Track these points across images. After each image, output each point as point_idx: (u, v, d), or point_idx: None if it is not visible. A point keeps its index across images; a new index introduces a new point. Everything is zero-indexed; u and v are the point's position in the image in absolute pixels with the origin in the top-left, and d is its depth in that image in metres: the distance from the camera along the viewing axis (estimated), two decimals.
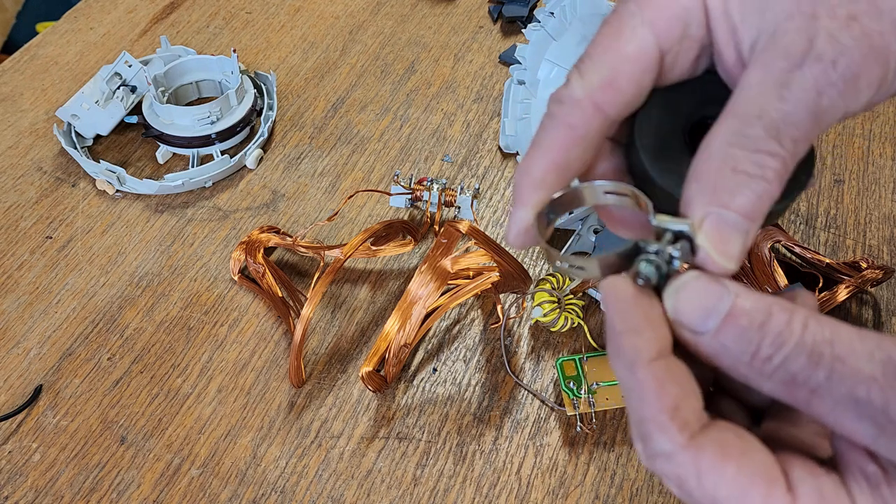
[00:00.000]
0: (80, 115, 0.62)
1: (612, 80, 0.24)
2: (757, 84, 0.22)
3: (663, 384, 0.21)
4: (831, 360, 0.19)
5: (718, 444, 0.21)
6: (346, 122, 0.66)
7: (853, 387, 0.19)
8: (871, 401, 0.19)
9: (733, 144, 0.21)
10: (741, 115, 0.22)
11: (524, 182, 0.25)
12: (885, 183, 0.61)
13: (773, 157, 0.21)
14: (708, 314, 0.21)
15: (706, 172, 0.22)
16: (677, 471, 0.21)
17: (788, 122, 0.21)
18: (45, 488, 0.45)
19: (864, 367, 0.19)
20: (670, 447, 0.21)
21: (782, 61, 0.22)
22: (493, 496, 0.45)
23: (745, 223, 0.21)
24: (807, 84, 0.21)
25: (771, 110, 0.21)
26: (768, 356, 0.20)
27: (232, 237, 0.57)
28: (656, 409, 0.21)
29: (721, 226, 0.21)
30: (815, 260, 0.52)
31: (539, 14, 0.57)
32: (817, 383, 0.20)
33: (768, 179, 0.21)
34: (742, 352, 0.20)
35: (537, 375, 0.50)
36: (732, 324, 0.20)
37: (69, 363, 0.50)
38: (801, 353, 0.20)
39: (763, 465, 0.21)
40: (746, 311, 0.20)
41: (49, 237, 0.57)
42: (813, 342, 0.20)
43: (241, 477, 0.46)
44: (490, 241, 0.46)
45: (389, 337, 0.46)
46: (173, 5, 0.77)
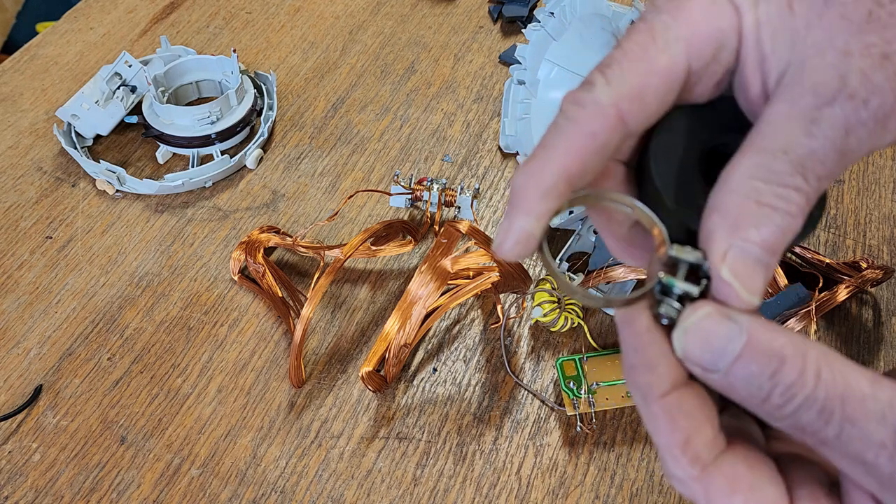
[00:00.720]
0: (80, 115, 0.62)
1: (641, 93, 0.23)
2: (784, 118, 0.22)
3: (674, 419, 0.21)
4: (842, 420, 0.19)
5: (728, 477, 0.21)
6: (346, 122, 0.66)
7: (862, 450, 0.19)
8: (879, 465, 0.19)
9: (757, 178, 0.21)
10: (766, 149, 0.21)
11: (531, 187, 0.23)
12: (885, 183, 0.61)
13: (797, 192, 0.21)
14: (718, 356, 0.20)
15: (728, 204, 0.21)
16: (690, 494, 0.22)
17: (815, 158, 0.21)
18: (45, 488, 0.45)
19: (875, 433, 0.19)
20: (682, 475, 0.21)
21: (811, 97, 0.21)
22: (493, 496, 0.45)
23: (767, 257, 0.21)
24: (836, 122, 0.21)
25: (798, 146, 0.21)
26: (778, 405, 0.20)
27: (232, 237, 0.57)
28: (668, 441, 0.21)
29: (745, 259, 0.21)
30: (815, 260, 0.52)
31: (539, 14, 0.57)
32: (826, 438, 0.20)
33: (792, 214, 0.21)
34: (752, 395, 0.20)
35: (537, 375, 0.50)
36: (743, 367, 0.20)
37: (69, 363, 0.50)
38: (812, 408, 0.20)
39: (770, 499, 0.21)
40: (757, 356, 0.20)
41: (49, 237, 0.57)
42: (825, 398, 0.19)
43: (241, 477, 0.46)
44: (490, 241, 0.46)
45: (389, 337, 0.46)
46: (173, 5, 0.77)
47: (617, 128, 0.23)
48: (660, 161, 0.24)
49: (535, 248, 0.23)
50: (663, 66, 0.23)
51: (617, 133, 0.23)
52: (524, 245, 0.23)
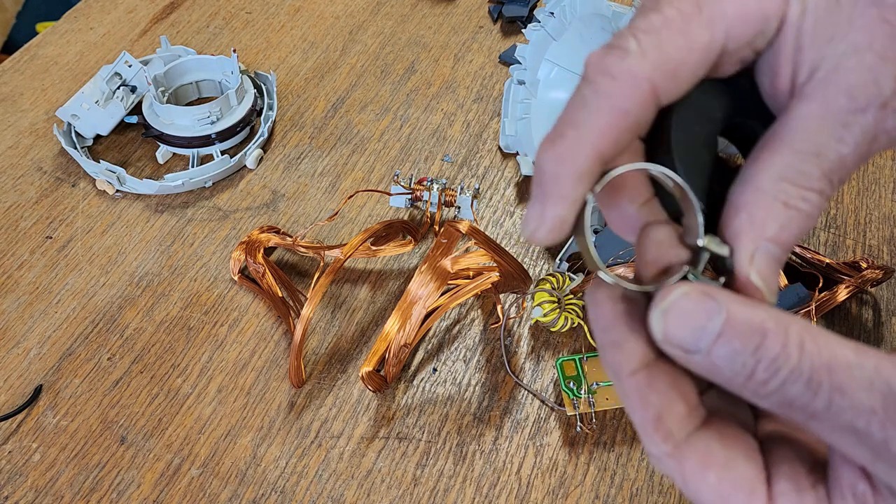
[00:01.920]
0: (80, 115, 0.62)
1: (677, 68, 0.21)
2: (817, 119, 0.21)
3: (645, 396, 0.21)
4: (830, 390, 0.19)
5: (701, 453, 0.21)
6: (346, 122, 0.66)
7: (853, 418, 0.19)
8: (871, 433, 0.19)
9: (786, 179, 0.21)
10: (798, 150, 0.21)
11: (563, 172, 0.21)
12: (885, 183, 0.61)
13: (821, 195, 0.21)
14: (699, 335, 0.20)
15: (757, 205, 0.21)
16: (667, 471, 0.22)
17: (842, 164, 0.21)
18: (45, 488, 0.45)
19: (864, 399, 0.19)
20: (657, 452, 0.22)
21: (845, 100, 0.21)
22: (493, 496, 0.45)
23: (784, 255, 0.22)
24: (867, 129, 0.21)
25: (829, 151, 0.21)
26: (764, 380, 0.20)
27: (232, 237, 0.57)
28: (641, 418, 0.21)
29: (769, 260, 0.21)
30: (815, 260, 0.52)
31: (539, 14, 0.57)
32: (815, 410, 0.19)
33: (812, 216, 0.21)
34: (736, 374, 0.20)
35: (537, 375, 0.50)
36: (725, 345, 0.20)
37: (69, 363, 0.50)
38: (799, 381, 0.19)
39: (745, 477, 0.21)
40: (739, 331, 0.20)
41: (49, 237, 0.57)
42: (811, 369, 0.19)
43: (241, 477, 0.46)
44: (490, 241, 0.46)
45: (389, 337, 0.46)
46: (173, 5, 0.77)
47: (650, 104, 0.21)
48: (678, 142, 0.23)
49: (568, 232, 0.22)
50: (703, 43, 0.21)
51: (649, 110, 0.21)
52: (558, 232, 0.22)
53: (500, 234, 0.58)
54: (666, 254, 0.22)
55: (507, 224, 0.58)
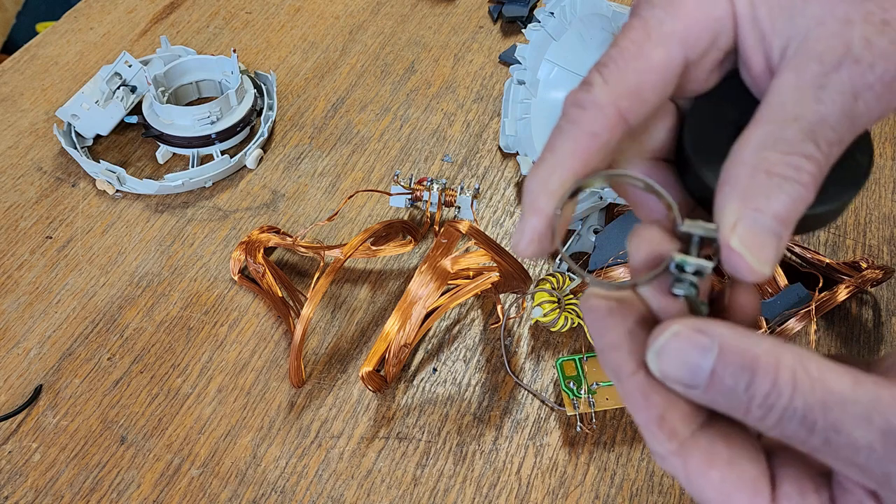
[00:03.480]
0: (80, 115, 0.62)
1: (638, 89, 0.23)
2: (791, 88, 0.22)
3: (647, 395, 0.21)
4: (825, 428, 0.19)
5: (705, 451, 0.21)
6: (346, 122, 0.66)
7: (852, 455, 0.19)
8: (871, 468, 0.19)
9: (768, 148, 0.21)
10: (776, 119, 0.21)
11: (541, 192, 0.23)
12: (885, 183, 0.61)
13: (808, 160, 0.21)
14: (694, 373, 0.20)
15: (739, 176, 0.21)
16: (671, 470, 0.22)
17: (825, 124, 0.21)
18: (45, 488, 0.45)
19: (862, 437, 0.19)
20: (662, 451, 0.22)
21: (817, 65, 0.21)
22: (493, 496, 0.45)
23: (779, 227, 0.21)
24: (844, 86, 0.21)
25: (807, 112, 0.21)
26: (760, 417, 0.20)
27: (232, 237, 0.57)
28: (645, 418, 0.21)
29: (756, 229, 0.21)
30: (815, 260, 0.52)
31: (539, 14, 0.57)
32: (814, 447, 0.19)
33: (804, 183, 0.21)
34: (734, 409, 0.20)
35: (537, 375, 0.50)
36: (718, 386, 0.20)
37: (69, 363, 0.50)
38: (793, 419, 0.19)
39: (749, 477, 0.21)
40: (730, 368, 0.20)
41: (49, 237, 0.57)
42: (804, 407, 0.19)
43: (241, 477, 0.46)
44: (490, 241, 0.46)
45: (389, 337, 0.46)
46: (173, 5, 0.77)
47: (618, 126, 0.23)
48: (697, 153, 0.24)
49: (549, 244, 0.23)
50: (659, 61, 0.23)
51: (618, 130, 0.23)
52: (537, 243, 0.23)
53: (500, 234, 0.58)
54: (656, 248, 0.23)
55: (507, 224, 0.58)
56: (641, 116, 0.23)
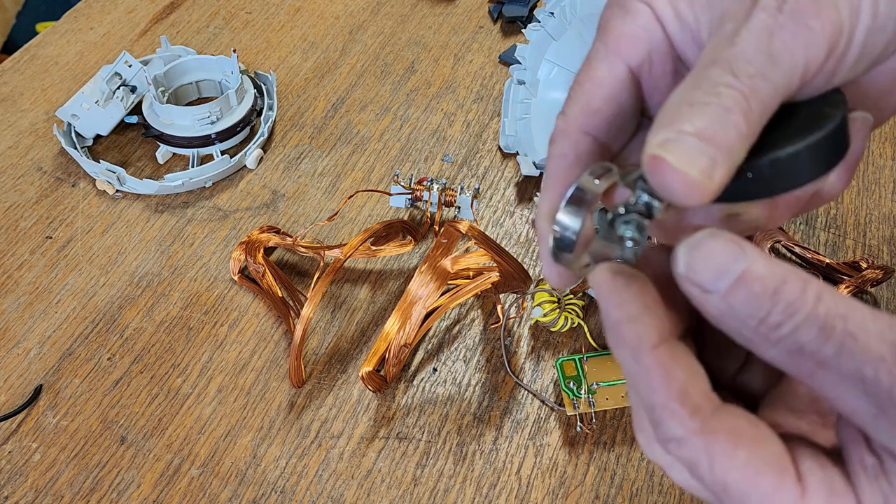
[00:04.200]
0: (80, 115, 0.62)
1: (588, 105, 0.26)
2: (711, 45, 0.23)
3: (670, 369, 0.21)
4: (843, 335, 0.19)
5: (731, 430, 0.21)
6: (346, 122, 0.66)
7: (862, 365, 0.19)
8: (879, 381, 0.19)
9: (691, 88, 0.21)
10: (697, 69, 0.22)
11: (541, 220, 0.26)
12: (885, 183, 0.61)
13: (730, 88, 0.21)
14: (720, 275, 0.20)
15: (664, 114, 0.21)
16: (689, 455, 0.21)
17: (742, 58, 0.21)
18: (45, 488, 0.45)
19: (875, 347, 0.19)
20: (682, 432, 0.21)
21: (730, 22, 0.23)
22: (493, 496, 0.45)
23: (708, 148, 0.20)
24: (755, 28, 0.22)
25: (724, 53, 0.22)
26: (777, 323, 0.20)
27: (232, 237, 0.57)
28: (665, 395, 0.21)
29: (681, 146, 0.20)
30: (815, 260, 0.52)
31: (539, 14, 0.57)
32: (825, 357, 0.19)
33: (728, 108, 0.21)
34: (751, 316, 0.20)
35: (537, 375, 0.50)
36: (744, 287, 0.20)
37: (69, 363, 0.50)
38: (813, 325, 0.19)
39: (774, 454, 0.21)
40: (760, 276, 0.20)
41: (49, 237, 0.57)
42: (826, 314, 0.19)
43: (241, 477, 0.46)
44: (490, 241, 0.46)
45: (389, 337, 0.46)
46: (173, 5, 0.77)
47: (583, 140, 0.26)
48: None
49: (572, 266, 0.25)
50: (602, 75, 0.26)
51: (584, 144, 0.26)
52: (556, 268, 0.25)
53: (500, 234, 0.58)
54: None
55: (507, 224, 0.58)
56: (606, 126, 0.26)
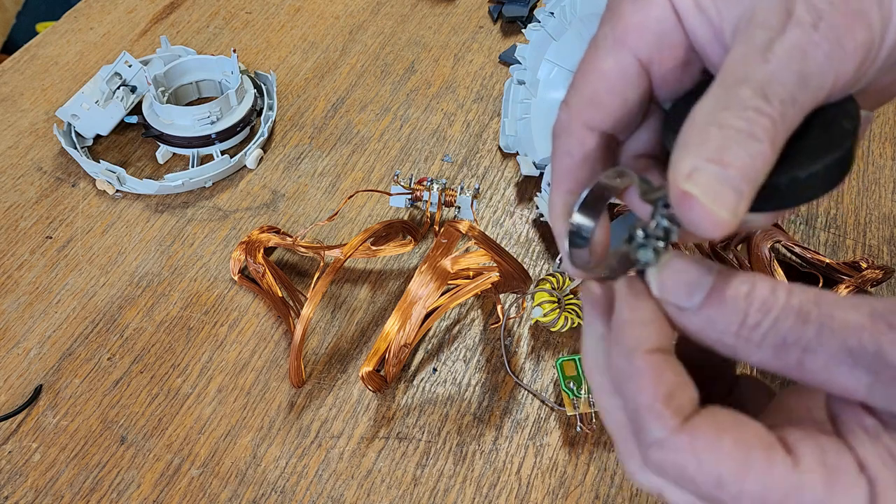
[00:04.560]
0: (80, 115, 0.62)
1: (593, 98, 0.25)
2: (740, 55, 0.22)
3: (660, 372, 0.21)
4: (820, 316, 0.20)
5: (712, 421, 0.21)
6: (346, 122, 0.66)
7: (844, 337, 0.20)
8: (864, 347, 0.19)
9: (720, 108, 0.21)
10: (726, 83, 0.22)
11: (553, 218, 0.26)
12: (885, 183, 0.61)
13: (760, 114, 0.21)
14: (692, 289, 0.21)
15: (692, 135, 0.21)
16: (674, 457, 0.21)
17: (775, 81, 0.21)
18: (45, 488, 0.45)
19: (853, 318, 0.20)
20: (664, 433, 0.21)
21: (762, 31, 0.22)
22: (493, 496, 0.45)
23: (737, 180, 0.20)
24: (790, 46, 0.21)
25: (756, 72, 0.21)
26: (756, 323, 0.20)
27: (232, 237, 0.57)
28: (651, 396, 0.21)
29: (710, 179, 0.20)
30: (815, 260, 0.52)
31: (539, 14, 0.57)
32: (808, 341, 0.20)
33: (757, 137, 0.20)
34: (729, 322, 0.21)
35: (537, 375, 0.50)
36: (717, 297, 0.21)
37: (69, 363, 0.50)
38: (789, 315, 0.20)
39: (759, 433, 0.21)
40: (731, 284, 0.21)
41: (49, 237, 0.57)
42: (799, 304, 0.20)
43: (241, 477, 0.46)
44: (490, 241, 0.46)
45: (389, 337, 0.46)
46: (173, 5, 0.77)
47: (588, 136, 0.25)
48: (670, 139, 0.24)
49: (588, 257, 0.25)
50: (609, 67, 0.25)
51: (590, 140, 0.25)
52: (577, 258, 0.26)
53: (500, 234, 0.58)
54: None
55: (507, 224, 0.58)
56: (612, 121, 0.25)
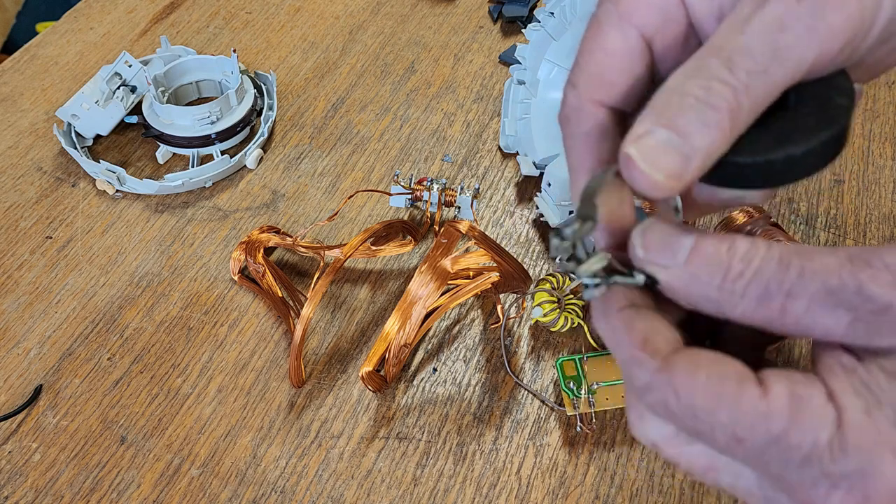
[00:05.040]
0: (80, 115, 0.62)
1: (600, 76, 0.25)
2: (723, 28, 0.22)
3: (632, 323, 0.23)
4: (800, 261, 0.21)
5: (688, 359, 0.22)
6: (346, 122, 0.66)
7: (825, 278, 0.20)
8: (845, 284, 0.20)
9: (687, 76, 0.22)
10: (700, 55, 0.22)
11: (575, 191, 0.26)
12: (885, 183, 0.61)
13: (722, 84, 0.21)
14: (676, 249, 0.22)
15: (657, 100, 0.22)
16: (659, 396, 0.22)
17: (744, 52, 0.21)
18: (45, 488, 0.45)
19: (831, 261, 0.20)
20: (647, 376, 0.22)
21: (749, 5, 0.22)
22: (493, 496, 0.45)
23: (683, 145, 0.21)
24: (769, 18, 0.22)
25: (728, 42, 0.22)
26: (739, 272, 0.21)
27: (232, 237, 0.57)
28: (629, 345, 0.22)
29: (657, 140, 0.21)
30: None
31: (539, 14, 0.57)
32: (791, 285, 0.20)
33: (715, 106, 0.21)
34: (713, 275, 0.21)
35: (537, 375, 0.50)
36: (701, 252, 0.22)
37: (69, 363, 0.50)
38: (771, 262, 0.21)
39: (732, 368, 0.22)
40: (712, 240, 0.22)
41: (49, 237, 0.57)
42: (780, 252, 0.21)
43: (241, 477, 0.46)
44: (490, 241, 0.46)
45: (389, 337, 0.46)
46: (173, 5, 0.77)
47: (600, 113, 0.25)
48: None
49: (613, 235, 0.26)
50: (613, 44, 0.25)
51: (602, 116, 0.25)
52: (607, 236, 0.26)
53: (500, 234, 0.58)
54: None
55: (507, 224, 0.58)
56: (621, 96, 0.25)
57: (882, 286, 0.20)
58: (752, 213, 0.52)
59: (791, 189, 0.60)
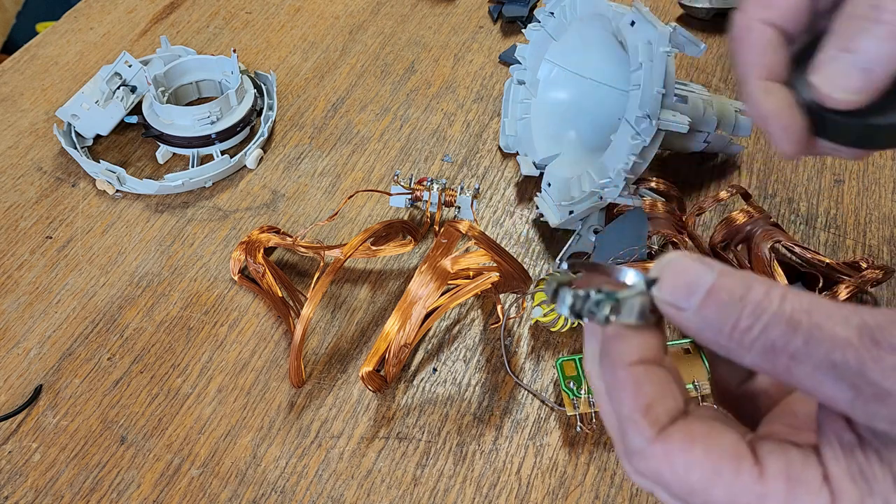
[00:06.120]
0: (80, 115, 0.62)
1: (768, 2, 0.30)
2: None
3: (640, 385, 0.22)
4: (809, 326, 0.20)
5: (685, 431, 0.22)
6: (346, 122, 0.66)
7: (830, 350, 0.20)
8: (848, 363, 0.20)
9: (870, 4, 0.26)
10: None
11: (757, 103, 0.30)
12: (885, 183, 0.61)
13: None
14: (691, 291, 0.22)
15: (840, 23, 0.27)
16: (652, 465, 0.22)
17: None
18: (45, 488, 0.45)
19: (840, 332, 0.20)
20: (642, 443, 0.22)
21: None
22: (493, 496, 0.45)
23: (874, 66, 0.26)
24: None
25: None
26: (748, 326, 0.21)
27: (232, 237, 0.57)
28: (631, 407, 0.22)
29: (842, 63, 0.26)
30: (815, 260, 0.52)
31: (539, 14, 0.57)
32: (796, 349, 0.20)
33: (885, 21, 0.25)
34: (723, 324, 0.21)
35: (537, 375, 0.50)
36: (714, 299, 0.21)
37: (69, 363, 0.50)
38: (780, 321, 0.20)
39: (729, 444, 0.22)
40: (726, 286, 0.21)
41: (49, 237, 0.57)
42: (791, 311, 0.20)
43: (241, 477, 0.46)
44: (490, 241, 0.46)
45: (389, 337, 0.46)
46: (173, 5, 0.77)
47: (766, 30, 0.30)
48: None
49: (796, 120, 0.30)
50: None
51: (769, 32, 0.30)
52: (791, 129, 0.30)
53: (500, 234, 0.58)
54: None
55: (507, 224, 0.58)
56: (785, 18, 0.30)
57: (884, 371, 0.19)
58: (752, 213, 0.52)
59: (791, 189, 0.60)
